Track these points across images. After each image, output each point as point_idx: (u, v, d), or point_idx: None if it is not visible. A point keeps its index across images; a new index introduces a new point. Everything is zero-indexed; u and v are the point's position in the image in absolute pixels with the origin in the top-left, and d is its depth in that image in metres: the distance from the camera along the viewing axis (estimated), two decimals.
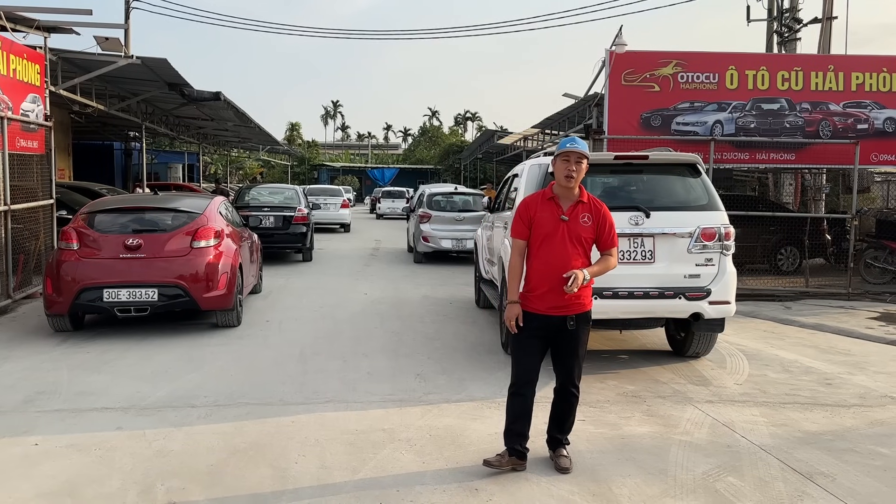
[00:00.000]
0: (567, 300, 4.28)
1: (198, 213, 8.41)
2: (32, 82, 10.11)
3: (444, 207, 15.97)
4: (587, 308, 4.41)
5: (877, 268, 12.44)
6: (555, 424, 4.57)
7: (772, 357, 7.40)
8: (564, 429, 4.56)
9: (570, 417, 4.55)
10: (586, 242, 4.36)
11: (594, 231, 4.37)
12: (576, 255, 4.29)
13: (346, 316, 9.37)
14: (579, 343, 4.40)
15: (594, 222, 4.37)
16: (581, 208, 4.37)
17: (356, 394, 5.90)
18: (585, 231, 4.34)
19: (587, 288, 4.39)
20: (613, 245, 4.43)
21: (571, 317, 4.31)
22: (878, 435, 5.10)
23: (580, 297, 4.34)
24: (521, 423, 4.42)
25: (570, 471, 4.37)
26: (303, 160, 63.19)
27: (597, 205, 4.42)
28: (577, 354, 4.42)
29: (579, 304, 4.34)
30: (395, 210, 34.61)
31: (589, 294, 4.43)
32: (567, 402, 4.50)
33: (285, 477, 4.26)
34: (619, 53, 11.10)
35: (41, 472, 4.33)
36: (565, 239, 4.30)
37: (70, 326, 7.98)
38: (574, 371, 4.44)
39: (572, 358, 4.42)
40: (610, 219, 4.42)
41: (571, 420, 4.57)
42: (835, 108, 11.26)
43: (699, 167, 6.89)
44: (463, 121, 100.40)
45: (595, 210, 4.39)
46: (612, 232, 4.42)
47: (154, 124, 21.45)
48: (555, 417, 4.57)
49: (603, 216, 4.39)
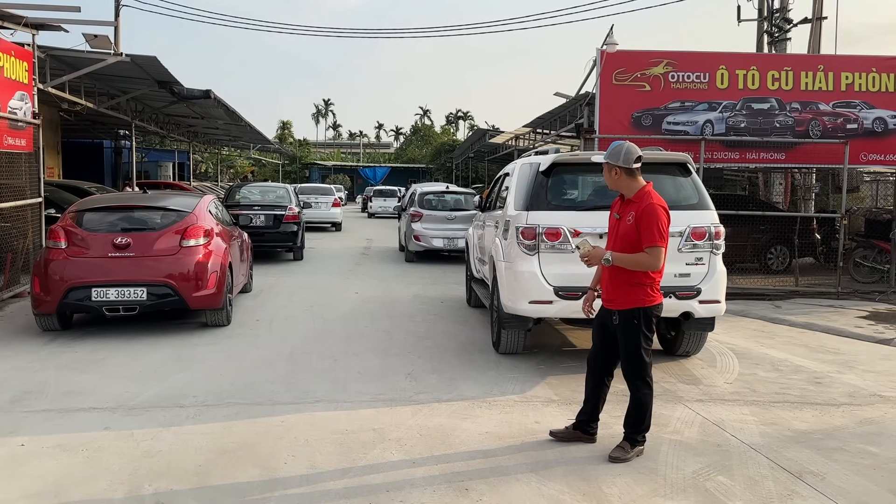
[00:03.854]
0: (609, 297, 4.58)
1: (187, 211, 8.36)
2: (20, 80, 10.03)
3: (435, 206, 15.96)
4: (628, 306, 4.50)
5: (866, 267, 12.51)
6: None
7: (762, 356, 7.42)
8: (624, 421, 4.70)
9: (629, 410, 4.67)
10: (629, 240, 4.48)
11: (635, 228, 4.47)
12: (620, 251, 4.51)
13: (336, 315, 9.34)
14: (624, 338, 4.56)
15: (635, 220, 4.47)
16: (630, 207, 4.53)
17: (346, 393, 5.88)
18: (628, 229, 4.50)
19: (634, 285, 4.48)
20: (649, 243, 4.42)
21: (614, 313, 4.52)
22: (868, 434, 5.12)
23: (623, 293, 4.50)
24: (587, 400, 4.84)
25: (618, 460, 4.50)
26: (294, 159, 63.00)
27: (644, 202, 4.48)
28: (624, 349, 4.59)
29: (621, 301, 4.52)
30: (387, 209, 34.56)
31: (633, 293, 4.49)
32: (632, 394, 4.64)
33: (274, 477, 4.24)
34: (610, 53, 11.10)
35: (27, 472, 4.29)
36: (612, 236, 4.64)
37: (58, 326, 7.92)
38: (623, 365, 4.62)
39: (622, 353, 4.63)
40: (650, 216, 4.42)
41: (630, 414, 4.67)
42: (824, 107, 11.29)
43: (690, 166, 6.90)
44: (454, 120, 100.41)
45: (639, 207, 4.48)
46: (648, 229, 4.41)
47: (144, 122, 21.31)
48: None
49: (642, 213, 4.45)
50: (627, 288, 4.49)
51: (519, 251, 6.52)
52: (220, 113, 21.39)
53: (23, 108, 10.07)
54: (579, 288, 6.31)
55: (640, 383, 4.56)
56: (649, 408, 4.60)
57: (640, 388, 4.56)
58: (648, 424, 4.63)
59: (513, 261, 6.63)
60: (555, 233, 6.41)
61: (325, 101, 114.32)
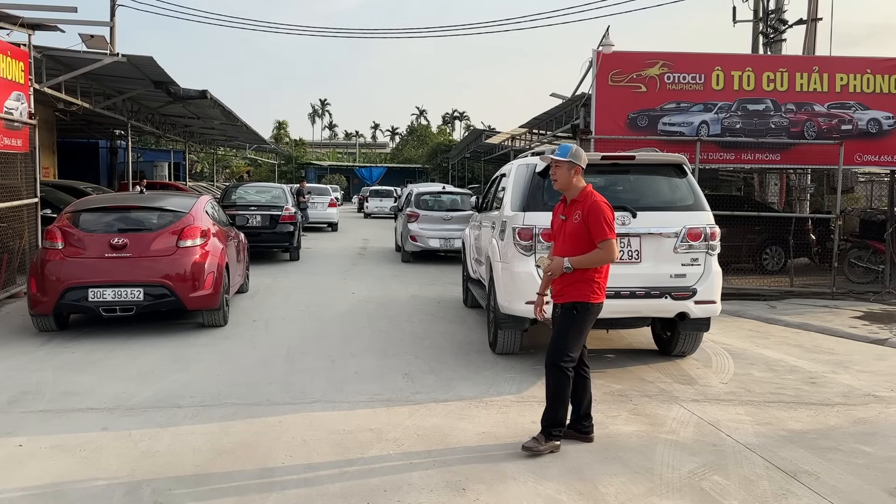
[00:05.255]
0: (561, 290, 4.68)
1: (184, 212, 8.36)
2: (16, 80, 10.02)
3: (431, 207, 15.97)
4: (571, 300, 4.63)
5: (860, 267, 12.56)
6: None
7: (757, 356, 7.46)
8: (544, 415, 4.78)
9: (547, 399, 4.76)
10: (579, 238, 4.60)
11: (584, 227, 4.58)
12: (570, 251, 4.61)
13: (333, 315, 9.35)
14: (557, 325, 4.71)
15: (582, 218, 4.59)
16: (576, 207, 4.66)
17: (344, 394, 5.89)
18: (576, 228, 4.62)
19: (576, 282, 4.60)
20: (601, 237, 4.55)
21: (557, 306, 4.73)
22: (862, 433, 5.16)
23: (571, 289, 4.62)
24: (571, 399, 4.83)
25: (531, 450, 4.60)
26: (290, 159, 62.94)
27: (588, 201, 4.62)
28: (553, 335, 4.72)
29: (567, 295, 4.65)
30: (383, 209, 34.55)
31: (579, 288, 4.60)
32: (550, 384, 4.74)
33: (272, 477, 4.25)
34: (606, 54, 11.13)
35: (26, 473, 4.30)
36: (561, 236, 4.73)
37: (55, 326, 7.92)
38: (549, 350, 4.70)
39: (551, 341, 4.74)
40: (596, 213, 4.56)
41: (547, 403, 4.75)
42: (819, 108, 11.34)
43: (685, 167, 6.93)
44: (451, 120, 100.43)
45: (584, 206, 4.61)
46: (596, 225, 4.55)
47: (140, 122, 21.29)
48: None
49: (588, 210, 4.58)
50: (577, 283, 4.62)
51: (515, 252, 6.54)
52: (216, 113, 21.37)
53: (19, 108, 10.06)
54: None
55: (557, 371, 4.62)
56: (564, 401, 4.66)
57: (556, 375, 4.63)
58: (563, 418, 4.69)
59: (509, 261, 6.66)
60: (551, 234, 6.42)
61: (322, 101, 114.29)
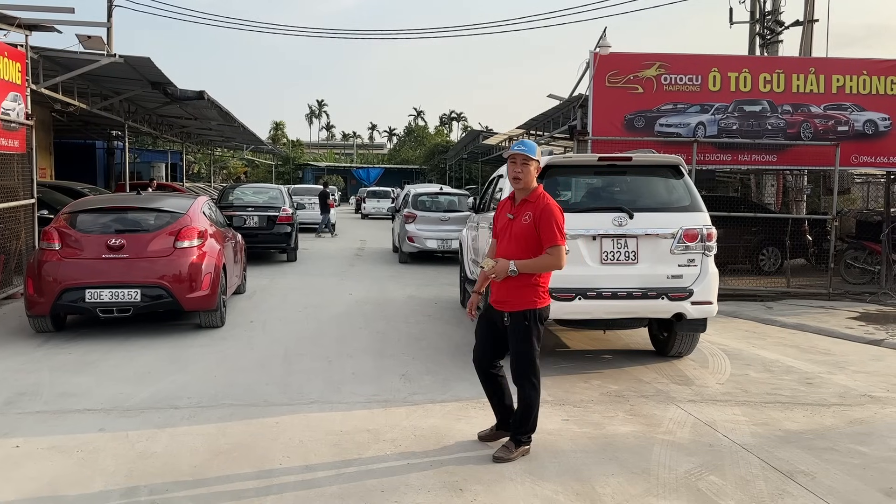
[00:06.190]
0: (504, 296, 4.50)
1: (181, 212, 8.36)
2: (13, 81, 10.00)
3: (429, 208, 15.98)
4: (520, 308, 4.47)
5: (857, 268, 12.59)
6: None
7: (753, 357, 7.47)
8: (510, 422, 4.70)
9: (516, 411, 4.67)
10: (527, 240, 4.45)
11: (533, 229, 4.44)
12: (516, 252, 4.46)
13: (330, 316, 9.35)
14: (515, 339, 4.52)
15: (533, 220, 4.44)
16: (527, 207, 4.50)
17: (341, 394, 5.89)
18: (525, 228, 4.46)
19: (521, 287, 4.45)
20: (551, 243, 4.41)
21: (505, 314, 4.52)
22: (858, 434, 5.17)
23: (515, 295, 4.47)
24: (491, 400, 4.76)
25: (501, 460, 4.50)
26: (287, 160, 62.91)
27: (541, 203, 4.47)
28: (513, 349, 4.55)
29: (513, 302, 4.49)
30: (381, 210, 34.57)
31: (525, 294, 4.47)
32: (518, 393, 4.63)
33: (269, 478, 4.25)
34: (603, 55, 11.15)
35: (23, 474, 4.29)
36: (507, 236, 4.55)
37: (52, 327, 7.91)
38: (512, 366, 4.57)
39: (511, 353, 4.59)
40: (548, 216, 4.42)
41: (516, 415, 4.66)
42: (816, 110, 11.37)
43: (682, 168, 6.95)
44: (448, 121, 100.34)
45: (536, 208, 4.45)
46: (548, 230, 4.41)
47: (137, 123, 21.22)
48: None
49: (540, 213, 4.43)
50: (521, 289, 4.45)
51: None
52: (213, 114, 21.33)
53: (16, 109, 10.04)
54: (573, 289, 6.36)
55: (528, 384, 4.54)
56: (535, 409, 4.59)
57: (527, 389, 4.55)
58: (534, 426, 4.64)
59: None
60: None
61: (319, 102, 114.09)
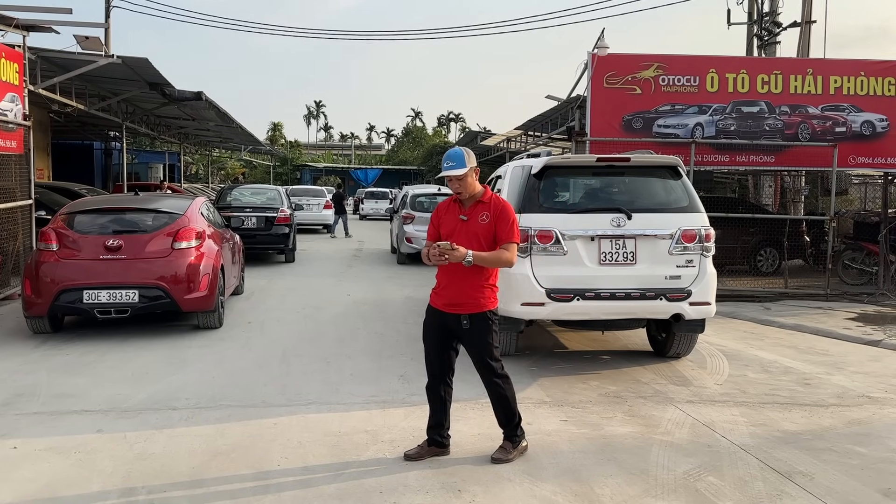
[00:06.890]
0: (460, 299, 4.47)
1: (179, 213, 8.34)
2: (11, 81, 9.99)
3: (427, 209, 15.93)
4: (480, 309, 4.47)
5: (854, 269, 12.61)
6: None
7: (751, 357, 7.48)
8: (497, 423, 4.68)
9: (496, 410, 4.66)
10: (485, 239, 4.50)
11: (492, 228, 4.50)
12: (475, 250, 4.43)
13: (328, 317, 9.34)
14: (478, 339, 4.50)
15: (492, 220, 4.50)
16: (481, 208, 4.56)
17: (339, 395, 5.89)
18: (483, 228, 4.50)
19: (483, 288, 4.47)
20: (508, 239, 4.47)
21: (464, 317, 4.47)
22: (856, 434, 5.18)
23: (473, 297, 4.46)
24: (434, 412, 4.65)
25: (501, 461, 4.51)
26: (285, 160, 62.90)
27: (497, 204, 4.56)
28: (477, 350, 4.53)
29: (471, 304, 4.47)
30: (379, 211, 34.54)
31: (484, 295, 4.48)
32: (492, 393, 4.62)
33: (268, 479, 4.24)
34: (601, 56, 11.16)
35: (20, 475, 4.28)
36: (462, 235, 4.50)
37: (49, 328, 7.90)
38: (479, 367, 4.58)
39: (475, 356, 4.56)
40: (506, 216, 4.49)
41: (498, 413, 4.66)
42: (813, 111, 11.38)
43: (680, 169, 6.95)
44: (446, 122, 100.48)
45: (494, 208, 4.53)
46: (508, 228, 4.48)
47: (135, 124, 21.23)
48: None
49: (499, 213, 4.51)
50: (480, 290, 4.47)
51: None
52: (211, 114, 21.33)
53: (13, 109, 10.03)
54: (571, 290, 6.37)
55: (497, 379, 4.55)
56: (512, 400, 4.60)
57: (499, 385, 4.56)
58: (520, 418, 4.64)
59: None
60: (547, 235, 6.44)
61: (317, 103, 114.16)
